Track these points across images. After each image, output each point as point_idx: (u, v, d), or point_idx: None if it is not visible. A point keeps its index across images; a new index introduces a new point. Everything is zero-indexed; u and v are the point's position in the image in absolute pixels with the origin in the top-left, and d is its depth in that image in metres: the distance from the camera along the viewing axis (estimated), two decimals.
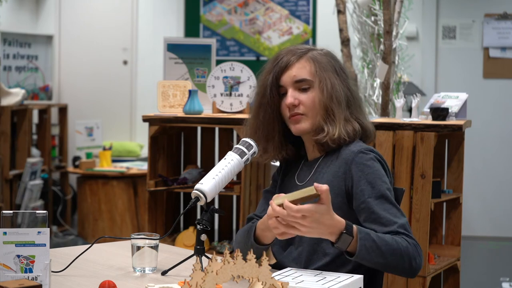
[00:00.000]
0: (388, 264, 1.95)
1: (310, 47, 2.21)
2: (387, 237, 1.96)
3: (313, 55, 2.18)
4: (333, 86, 2.14)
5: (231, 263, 1.46)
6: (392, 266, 1.96)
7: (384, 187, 2.06)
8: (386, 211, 2.03)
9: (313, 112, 2.15)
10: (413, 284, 3.35)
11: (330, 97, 2.13)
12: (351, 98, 2.18)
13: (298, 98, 2.15)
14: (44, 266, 1.84)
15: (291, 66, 2.16)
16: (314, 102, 2.14)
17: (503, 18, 6.74)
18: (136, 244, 2.11)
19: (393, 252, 1.94)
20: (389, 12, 4.21)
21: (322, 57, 2.18)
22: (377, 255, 1.92)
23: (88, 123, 6.90)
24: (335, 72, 2.17)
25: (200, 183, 2.05)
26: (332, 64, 2.18)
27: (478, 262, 5.95)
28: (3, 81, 6.44)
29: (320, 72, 2.15)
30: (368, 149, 2.12)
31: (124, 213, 6.28)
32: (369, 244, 1.91)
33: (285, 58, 2.17)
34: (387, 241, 1.94)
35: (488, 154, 6.79)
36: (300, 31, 7.07)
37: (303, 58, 2.17)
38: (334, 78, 2.16)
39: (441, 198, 3.48)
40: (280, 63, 2.17)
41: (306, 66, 2.16)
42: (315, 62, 2.16)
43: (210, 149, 4.12)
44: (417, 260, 1.98)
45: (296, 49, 2.20)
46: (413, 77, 6.51)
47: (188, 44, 3.99)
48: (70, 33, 7.32)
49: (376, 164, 2.09)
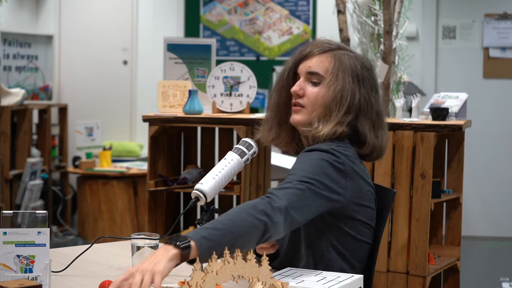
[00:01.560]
0: (241, 236, 1.75)
1: (343, 46, 2.18)
2: (229, 211, 1.80)
3: (339, 54, 2.13)
4: (343, 89, 2.08)
5: (231, 263, 1.46)
6: (246, 236, 1.77)
7: (298, 174, 1.93)
8: (284, 182, 1.92)
9: (313, 107, 2.12)
10: (413, 284, 3.35)
11: (334, 97, 2.09)
12: (365, 108, 2.09)
13: (304, 89, 2.13)
14: (44, 266, 1.84)
15: (311, 57, 2.15)
16: (317, 98, 2.11)
17: (503, 18, 6.74)
18: (136, 244, 2.11)
19: (233, 220, 1.76)
20: (389, 12, 4.21)
21: (349, 59, 2.13)
22: (221, 236, 1.73)
23: (88, 123, 6.90)
24: (356, 77, 2.10)
25: (200, 183, 2.05)
26: (355, 69, 2.11)
27: (478, 262, 5.95)
28: (3, 81, 6.44)
29: (336, 71, 2.10)
30: (317, 148, 2.02)
31: (124, 213, 6.28)
32: (204, 232, 1.73)
33: (309, 47, 2.17)
34: (227, 214, 1.78)
35: (488, 154, 6.79)
36: (300, 31, 7.07)
37: (326, 53, 2.14)
38: (350, 83, 2.09)
39: (441, 198, 3.48)
40: (303, 51, 2.17)
41: (325, 62, 2.13)
42: (336, 61, 2.12)
43: (210, 149, 4.12)
44: (267, 211, 1.80)
45: (326, 42, 2.18)
46: (413, 77, 6.51)
47: (188, 44, 3.99)
48: (70, 33, 7.32)
49: (317, 158, 1.99)
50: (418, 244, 3.33)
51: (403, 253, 3.37)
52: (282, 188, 1.91)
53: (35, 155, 6.43)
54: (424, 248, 3.32)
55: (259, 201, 1.84)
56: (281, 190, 1.89)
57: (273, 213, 1.82)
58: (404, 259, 3.37)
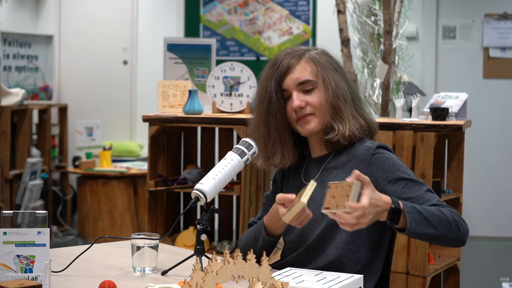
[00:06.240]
0: (439, 233, 1.96)
1: (306, 48, 2.21)
2: (432, 208, 1.97)
3: (311, 55, 2.18)
4: (336, 83, 2.15)
5: (231, 263, 1.46)
6: (443, 235, 1.97)
7: (407, 172, 2.08)
8: (418, 191, 2.04)
9: (321, 111, 2.15)
10: (413, 284, 3.35)
11: (336, 95, 2.14)
12: (353, 94, 2.19)
13: (305, 100, 2.15)
14: (44, 266, 1.84)
15: (292, 69, 2.16)
16: (321, 101, 2.15)
17: (503, 18, 6.74)
18: (136, 244, 2.11)
19: (440, 221, 1.95)
20: (389, 12, 4.21)
21: (320, 56, 2.19)
22: (427, 226, 1.93)
23: (88, 123, 6.90)
24: (335, 69, 2.18)
25: (200, 183, 2.05)
26: (330, 62, 2.19)
27: (478, 262, 5.95)
28: (3, 81, 6.44)
29: (321, 71, 2.15)
30: (382, 145, 2.15)
31: (124, 213, 6.28)
32: (416, 216, 1.91)
33: (284, 61, 2.17)
34: (432, 212, 1.95)
35: (488, 154, 6.79)
36: (300, 31, 7.07)
37: (302, 60, 2.17)
38: (336, 76, 2.17)
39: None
40: (281, 67, 2.16)
41: (307, 67, 2.16)
42: (315, 62, 2.16)
43: (210, 149, 4.12)
44: (464, 226, 2.00)
45: (293, 51, 2.19)
46: (413, 77, 6.51)
47: (188, 44, 3.99)
48: (70, 33, 7.32)
49: (393, 155, 2.12)
50: (418, 244, 3.33)
51: (403, 253, 3.37)
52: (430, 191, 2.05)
53: (35, 155, 6.43)
54: (424, 248, 3.32)
55: (456, 215, 2.00)
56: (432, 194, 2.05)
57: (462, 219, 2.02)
58: (404, 259, 3.37)
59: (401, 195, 2.04)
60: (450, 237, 1.98)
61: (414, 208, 1.92)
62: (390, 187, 2.06)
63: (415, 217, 1.91)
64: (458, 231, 1.97)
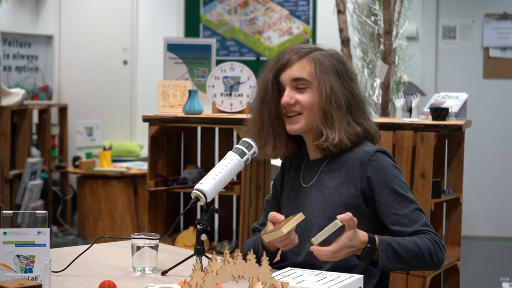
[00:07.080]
0: (410, 267, 2.07)
1: (315, 47, 2.20)
2: (409, 242, 2.03)
3: (316, 56, 2.16)
4: (332, 89, 2.12)
5: (231, 263, 1.46)
6: (415, 267, 2.09)
7: (401, 185, 2.10)
8: (406, 209, 2.08)
9: (310, 112, 2.14)
10: (413, 284, 3.35)
11: (329, 100, 2.11)
12: (352, 101, 2.16)
13: (295, 97, 2.15)
14: (44, 266, 1.84)
15: (291, 64, 2.16)
16: (311, 103, 2.13)
17: (503, 18, 6.74)
18: (136, 244, 2.11)
19: (414, 256, 2.03)
20: (389, 12, 4.21)
21: (326, 58, 2.16)
22: (399, 262, 2.02)
23: (88, 123, 6.90)
24: (337, 74, 2.15)
25: (200, 183, 2.05)
26: (334, 67, 2.15)
27: (478, 262, 5.95)
28: (3, 81, 6.44)
29: (320, 74, 2.13)
30: (381, 150, 2.14)
31: (124, 213, 6.28)
32: (390, 254, 2.00)
33: (287, 56, 2.17)
34: (408, 247, 2.02)
35: (488, 154, 6.79)
36: (300, 31, 7.07)
37: (304, 58, 2.16)
38: (335, 81, 2.13)
39: (441, 198, 3.48)
40: (282, 60, 2.17)
41: (307, 67, 2.15)
42: (316, 63, 2.15)
43: (210, 149, 4.12)
44: (439, 256, 2.06)
45: (299, 48, 2.19)
46: (413, 77, 6.51)
47: (188, 44, 3.99)
48: (70, 33, 7.32)
49: (391, 163, 2.12)
50: None
51: None
52: (418, 213, 2.09)
53: (35, 155, 6.43)
54: None
55: (434, 247, 2.05)
56: (421, 214, 2.09)
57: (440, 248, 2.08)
58: None
59: (389, 208, 2.08)
60: (423, 268, 2.10)
61: (390, 245, 2.00)
62: (380, 197, 2.09)
63: (388, 254, 1.99)
64: (432, 262, 2.05)
